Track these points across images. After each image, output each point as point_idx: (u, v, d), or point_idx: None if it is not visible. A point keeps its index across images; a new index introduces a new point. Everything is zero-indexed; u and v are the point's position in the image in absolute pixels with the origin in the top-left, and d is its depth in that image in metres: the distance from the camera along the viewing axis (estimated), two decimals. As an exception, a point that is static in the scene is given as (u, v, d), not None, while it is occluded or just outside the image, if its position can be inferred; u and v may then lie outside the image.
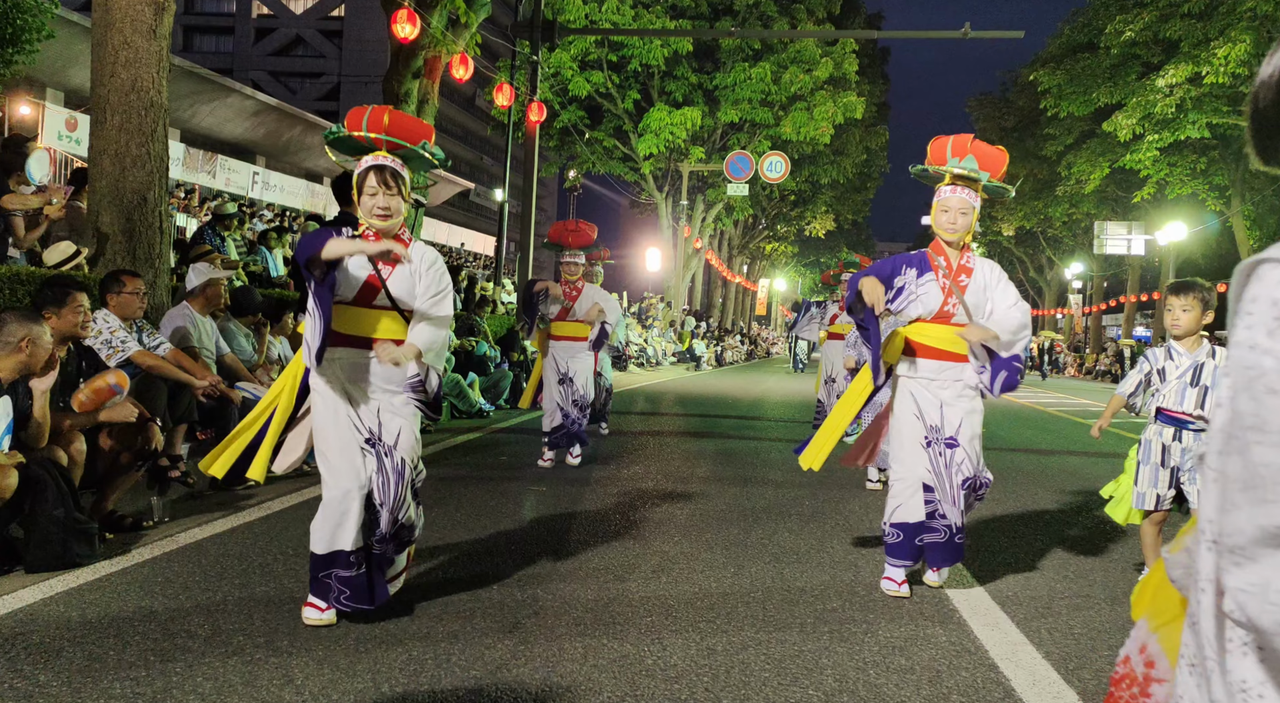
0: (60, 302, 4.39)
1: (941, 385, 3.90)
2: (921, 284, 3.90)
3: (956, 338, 3.84)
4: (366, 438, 3.33)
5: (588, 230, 7.16)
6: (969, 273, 3.90)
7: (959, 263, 3.91)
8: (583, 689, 2.82)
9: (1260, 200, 28.99)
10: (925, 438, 3.89)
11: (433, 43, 12.32)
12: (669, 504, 5.82)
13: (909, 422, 3.92)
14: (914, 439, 3.90)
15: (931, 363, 3.92)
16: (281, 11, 56.46)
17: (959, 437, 3.85)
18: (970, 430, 3.88)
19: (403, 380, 3.40)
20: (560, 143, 29.58)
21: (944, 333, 3.88)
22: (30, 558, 3.77)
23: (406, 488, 3.41)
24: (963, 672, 3.10)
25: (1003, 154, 3.92)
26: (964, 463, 3.85)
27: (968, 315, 3.83)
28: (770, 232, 46.16)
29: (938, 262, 3.91)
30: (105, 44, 6.63)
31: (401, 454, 3.38)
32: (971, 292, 3.86)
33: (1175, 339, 4.06)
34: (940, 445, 3.86)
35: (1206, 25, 24.38)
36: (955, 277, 3.88)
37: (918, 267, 3.91)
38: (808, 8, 29.60)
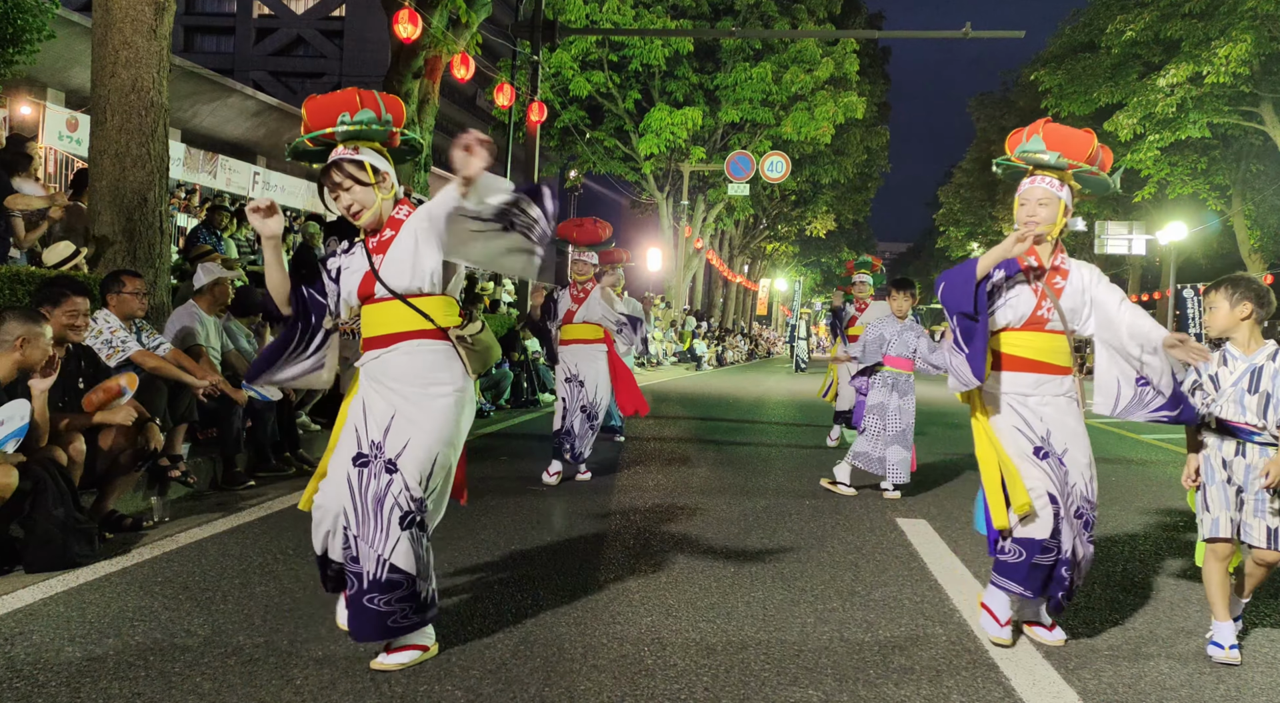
0: (55, 301, 4.38)
1: (1041, 401, 3.39)
2: (1010, 286, 3.43)
3: (1055, 347, 3.40)
4: (358, 453, 2.91)
5: (594, 228, 6.74)
6: (1064, 274, 3.43)
7: (1052, 263, 3.45)
8: (583, 689, 2.82)
9: (1261, 200, 28.96)
10: (1037, 448, 3.36)
11: (433, 43, 12.33)
12: (669, 504, 5.82)
13: (1012, 436, 3.40)
14: (1022, 452, 3.36)
15: (1026, 377, 3.40)
16: (282, 11, 56.45)
17: (1067, 460, 3.35)
18: (1080, 454, 3.37)
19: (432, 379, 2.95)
20: (561, 143, 29.57)
21: (1038, 342, 3.40)
22: (30, 558, 3.78)
23: (391, 517, 2.86)
24: (963, 672, 3.10)
25: (1080, 134, 3.39)
26: (1077, 486, 3.35)
27: (1062, 321, 3.38)
28: (771, 231, 46.14)
29: (1027, 261, 3.43)
30: (106, 44, 6.63)
31: (401, 475, 2.88)
32: (1068, 295, 3.40)
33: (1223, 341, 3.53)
34: (1054, 460, 3.35)
35: (1207, 25, 24.34)
36: (1049, 278, 3.41)
37: (1004, 266, 3.43)
38: (808, 8, 29.61)
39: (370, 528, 2.85)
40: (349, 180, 3.00)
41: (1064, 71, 30.29)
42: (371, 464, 2.89)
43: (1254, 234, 29.59)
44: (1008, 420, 3.42)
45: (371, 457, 2.90)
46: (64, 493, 3.88)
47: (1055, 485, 3.32)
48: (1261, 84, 25.16)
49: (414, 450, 2.89)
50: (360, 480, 2.89)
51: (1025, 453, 3.36)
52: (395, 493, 2.87)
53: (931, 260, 74.20)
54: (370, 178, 3.02)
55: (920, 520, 5.56)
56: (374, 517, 2.86)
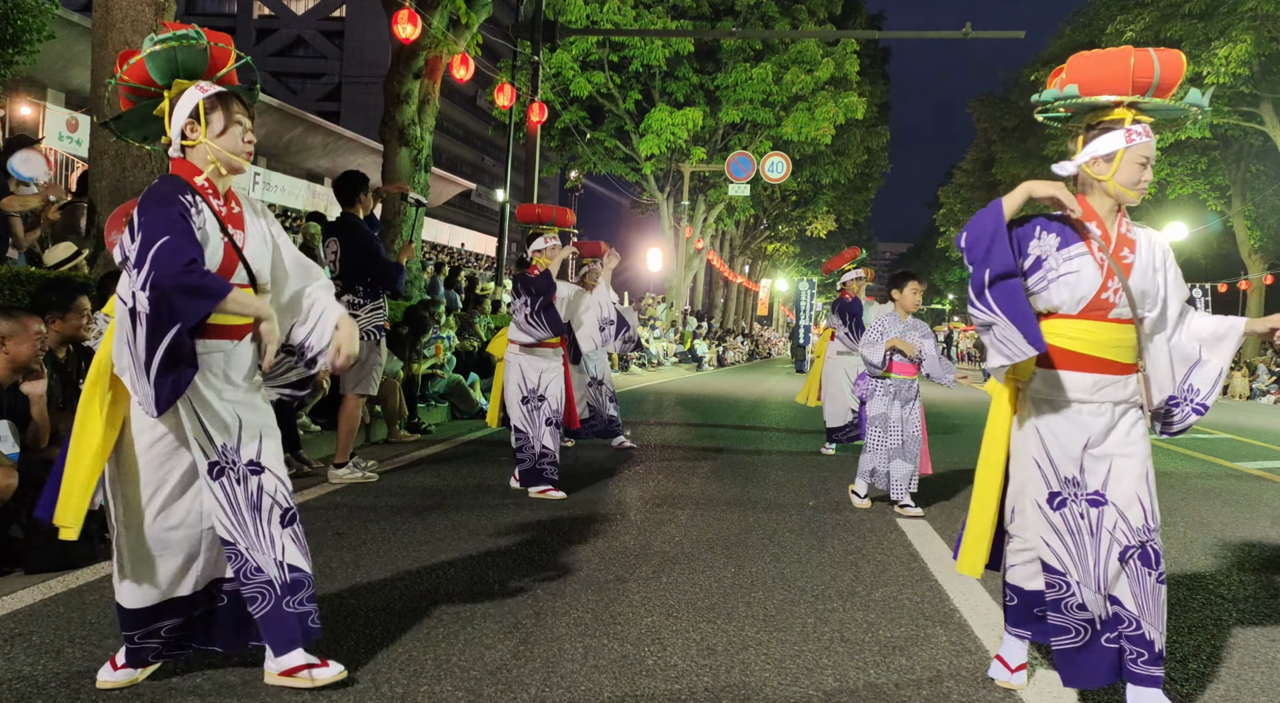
0: (64, 307, 4.40)
1: (1096, 412, 2.69)
2: (1068, 259, 2.67)
3: (1120, 341, 2.69)
4: (211, 462, 2.61)
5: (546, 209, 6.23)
6: (1131, 246, 2.71)
7: (1117, 229, 2.73)
8: (583, 690, 2.82)
9: (1261, 200, 28.98)
10: (1052, 494, 2.70)
11: (434, 43, 12.31)
12: (669, 504, 5.82)
13: (1031, 469, 2.75)
14: (1036, 493, 2.74)
15: (1082, 379, 2.68)
16: (282, 12, 56.49)
17: (1108, 490, 2.68)
18: (1133, 477, 2.68)
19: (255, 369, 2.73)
20: (561, 143, 29.59)
21: (1101, 334, 2.68)
22: (30, 559, 3.78)
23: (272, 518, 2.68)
24: (963, 672, 3.09)
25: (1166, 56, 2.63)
26: (1119, 527, 2.66)
27: (1131, 306, 2.67)
28: (771, 232, 46.16)
29: (1090, 229, 2.69)
30: (106, 45, 6.64)
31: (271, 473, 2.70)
32: (1137, 273, 2.69)
33: None
34: (1079, 504, 2.69)
35: (1207, 25, 24.37)
36: (1116, 250, 2.69)
37: (1059, 233, 2.70)
38: (809, 8, 29.61)
39: (254, 535, 2.65)
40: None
41: (1064, 72, 30.28)
42: (229, 471, 2.63)
43: (1254, 234, 29.60)
44: (1031, 446, 2.75)
45: (228, 463, 2.62)
46: (64, 494, 3.87)
47: (1061, 546, 2.69)
48: (1261, 84, 25.18)
49: (269, 445, 2.72)
50: (226, 491, 2.62)
51: (1038, 495, 2.73)
52: (271, 493, 2.68)
53: (932, 261, 74.19)
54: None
55: (921, 521, 5.56)
56: (253, 523, 2.65)
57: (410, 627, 3.31)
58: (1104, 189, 2.70)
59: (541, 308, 5.83)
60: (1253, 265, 30.65)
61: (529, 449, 5.87)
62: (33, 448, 3.94)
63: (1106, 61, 2.63)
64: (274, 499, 2.69)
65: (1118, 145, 2.64)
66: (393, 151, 12.32)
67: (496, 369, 6.29)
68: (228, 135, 2.65)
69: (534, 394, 5.90)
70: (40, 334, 3.92)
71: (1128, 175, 2.65)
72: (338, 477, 6.00)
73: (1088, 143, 2.71)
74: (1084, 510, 2.68)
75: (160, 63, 2.59)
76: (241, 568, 2.66)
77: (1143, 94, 2.62)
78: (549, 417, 5.89)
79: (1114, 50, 2.64)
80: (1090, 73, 2.64)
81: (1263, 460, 9.26)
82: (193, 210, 2.56)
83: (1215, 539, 5.43)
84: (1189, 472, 8.32)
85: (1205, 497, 6.95)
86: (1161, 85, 2.61)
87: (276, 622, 2.68)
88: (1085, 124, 2.75)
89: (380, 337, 6.24)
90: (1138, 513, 2.66)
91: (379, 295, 6.18)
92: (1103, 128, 2.68)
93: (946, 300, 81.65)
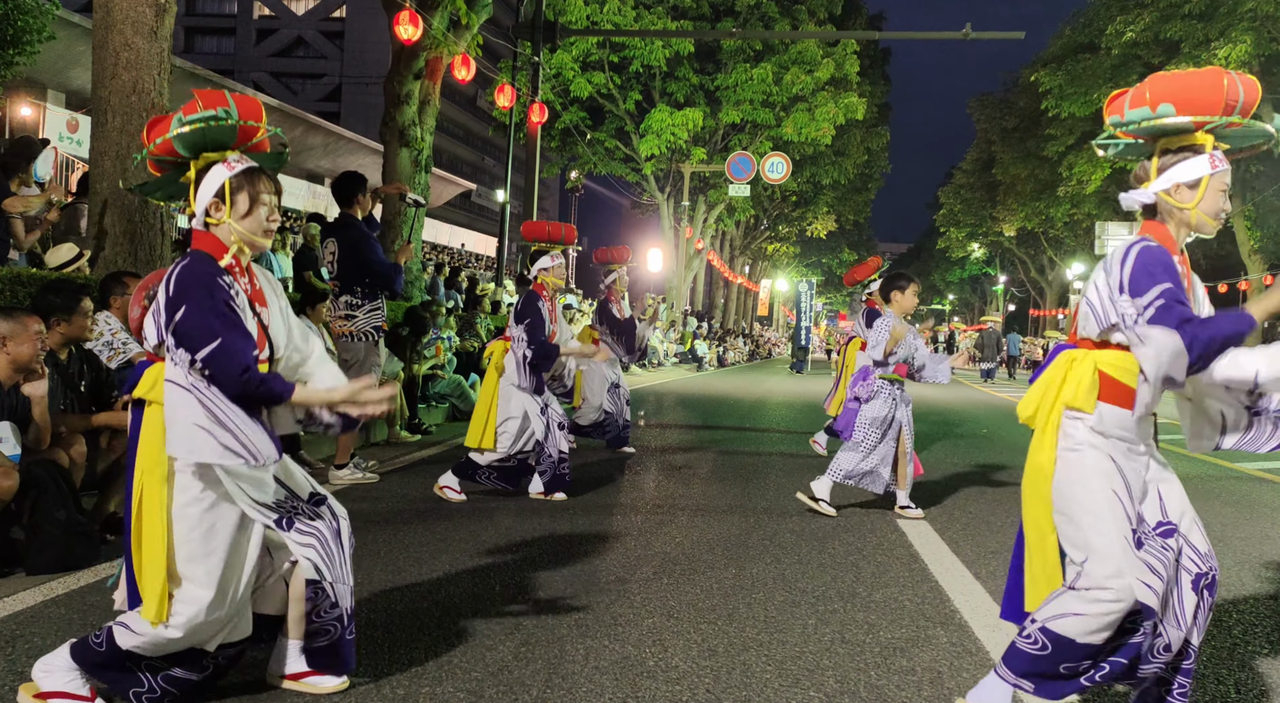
0: (68, 308, 4.40)
1: (1150, 451, 2.57)
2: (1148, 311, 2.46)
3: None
4: (278, 519, 2.59)
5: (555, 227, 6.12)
6: (1190, 280, 2.57)
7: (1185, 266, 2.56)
8: (584, 691, 2.82)
9: (1261, 201, 28.98)
10: (1132, 531, 2.49)
11: (434, 44, 12.32)
12: (670, 506, 5.82)
13: (1109, 503, 2.47)
14: (1119, 531, 2.45)
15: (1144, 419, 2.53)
16: (283, 13, 56.51)
17: (1173, 515, 2.54)
18: (1179, 498, 2.58)
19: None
20: (562, 144, 29.60)
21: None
22: (31, 560, 3.78)
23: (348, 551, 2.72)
24: (964, 673, 3.09)
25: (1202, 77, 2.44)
26: (1186, 553, 2.50)
27: None
28: (772, 232, 46.17)
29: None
30: (106, 45, 6.64)
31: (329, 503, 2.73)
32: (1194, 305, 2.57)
33: None
34: (1153, 541, 2.50)
35: (1207, 26, 24.39)
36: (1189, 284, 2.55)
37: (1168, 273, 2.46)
38: (809, 9, 29.63)
39: (340, 566, 2.68)
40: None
41: (1064, 72, 30.35)
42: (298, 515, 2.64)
43: (1254, 235, 29.60)
44: (1106, 481, 2.47)
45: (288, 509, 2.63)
46: (65, 495, 3.88)
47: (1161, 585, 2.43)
48: (1261, 85, 25.20)
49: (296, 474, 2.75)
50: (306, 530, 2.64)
51: (1122, 532, 2.45)
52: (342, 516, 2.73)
53: (932, 261, 74.27)
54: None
55: (921, 522, 5.56)
56: (339, 553, 2.68)
57: (411, 628, 3.31)
58: (1184, 218, 2.51)
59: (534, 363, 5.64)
60: (1253, 266, 30.66)
61: (547, 458, 5.73)
62: (34, 449, 3.94)
63: (1200, 81, 2.43)
64: (340, 526, 2.70)
65: (1203, 171, 2.46)
66: (393, 152, 12.32)
67: (486, 382, 5.82)
68: (252, 216, 2.57)
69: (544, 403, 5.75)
70: (40, 334, 3.92)
71: (1212, 204, 2.49)
72: (339, 478, 6.00)
73: (1165, 169, 2.51)
74: (1163, 544, 2.50)
75: (188, 142, 2.50)
76: (319, 606, 2.66)
77: (1229, 116, 2.42)
78: (560, 421, 5.81)
79: (1205, 71, 2.45)
80: (1183, 92, 2.42)
81: (1262, 461, 9.26)
82: (231, 292, 2.53)
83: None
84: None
85: (1205, 497, 6.95)
86: (1244, 107, 2.42)
87: (335, 654, 2.70)
88: (1160, 149, 2.53)
89: (378, 338, 6.24)
90: (1200, 537, 2.53)
91: (377, 296, 6.18)
92: (1181, 153, 2.49)
93: (946, 300, 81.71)
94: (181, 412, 2.42)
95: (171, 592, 2.47)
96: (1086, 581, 2.44)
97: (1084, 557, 2.46)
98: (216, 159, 2.54)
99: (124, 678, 2.54)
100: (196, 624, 2.49)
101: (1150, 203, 2.54)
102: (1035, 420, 2.58)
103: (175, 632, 2.47)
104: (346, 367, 6.17)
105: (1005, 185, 43.33)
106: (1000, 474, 7.73)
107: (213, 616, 2.51)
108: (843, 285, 17.80)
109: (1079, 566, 2.47)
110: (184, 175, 2.59)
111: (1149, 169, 2.55)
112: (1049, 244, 47.37)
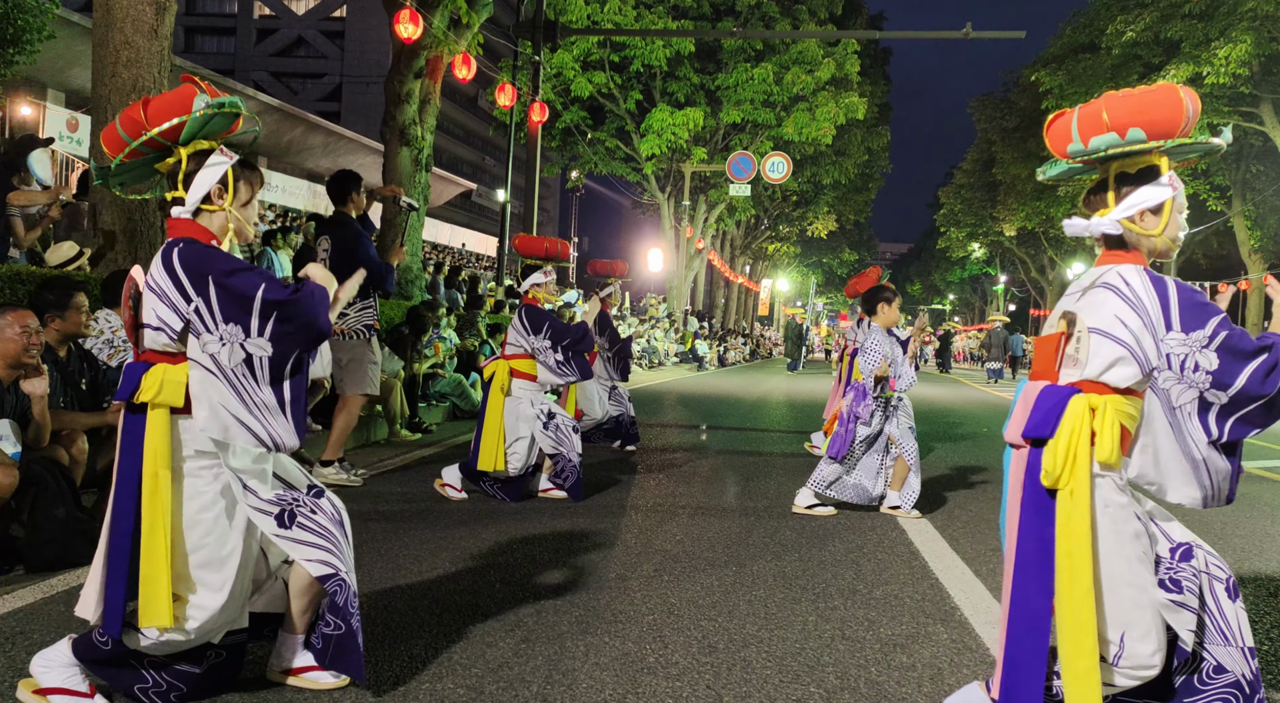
0: (62, 305, 4.41)
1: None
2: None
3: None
4: (277, 515, 2.57)
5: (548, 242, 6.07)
6: None
7: None
8: (584, 687, 2.82)
9: (1261, 201, 28.98)
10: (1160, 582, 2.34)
11: (434, 43, 12.32)
12: (671, 503, 5.82)
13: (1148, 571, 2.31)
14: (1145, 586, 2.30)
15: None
16: (283, 12, 56.52)
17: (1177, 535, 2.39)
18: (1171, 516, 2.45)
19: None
20: (562, 143, 29.61)
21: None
22: (31, 557, 3.78)
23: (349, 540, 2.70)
24: (964, 670, 3.09)
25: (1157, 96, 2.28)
26: (1211, 562, 2.37)
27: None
28: (772, 232, 46.18)
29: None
30: (106, 44, 6.64)
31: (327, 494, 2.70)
32: None
33: None
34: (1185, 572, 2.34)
35: (1207, 26, 24.37)
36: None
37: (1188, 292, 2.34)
38: (810, 8, 29.62)
39: (345, 553, 2.65)
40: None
41: (1064, 72, 30.33)
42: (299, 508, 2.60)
43: (1254, 234, 29.60)
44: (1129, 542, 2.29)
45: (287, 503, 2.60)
46: (65, 492, 3.88)
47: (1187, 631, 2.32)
48: (1261, 85, 25.18)
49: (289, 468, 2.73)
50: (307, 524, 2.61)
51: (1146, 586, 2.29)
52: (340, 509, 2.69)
53: (932, 261, 74.29)
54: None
55: (921, 519, 5.56)
56: (344, 540, 2.66)
57: (411, 624, 3.31)
58: (1151, 245, 2.36)
59: (574, 355, 5.68)
60: (1253, 266, 30.65)
61: (568, 463, 5.67)
62: (34, 447, 3.94)
63: (1161, 101, 2.25)
64: (342, 516, 2.68)
65: (1165, 195, 2.31)
66: (393, 151, 12.32)
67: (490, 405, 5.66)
68: (250, 206, 2.64)
69: (544, 413, 5.71)
70: (28, 329, 3.91)
71: (1174, 228, 2.36)
72: (323, 474, 5.87)
73: (1123, 196, 2.35)
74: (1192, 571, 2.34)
75: (197, 125, 2.50)
76: (345, 599, 2.62)
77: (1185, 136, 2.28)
78: (574, 425, 5.77)
79: (1160, 89, 2.28)
80: (1148, 116, 2.25)
81: (1262, 460, 9.26)
82: None
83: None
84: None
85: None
86: (1190, 122, 2.29)
87: (351, 651, 2.64)
88: (1114, 174, 2.38)
89: (370, 335, 6.19)
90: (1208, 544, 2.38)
91: (369, 294, 6.16)
92: (1140, 177, 2.34)
93: (946, 300, 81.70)
94: (211, 392, 2.45)
95: (181, 595, 2.48)
96: (1130, 660, 2.27)
97: (1121, 633, 2.27)
98: (208, 147, 2.56)
99: (126, 675, 2.54)
100: (208, 628, 2.51)
101: (1115, 233, 2.37)
102: (1064, 483, 2.26)
103: (186, 635, 2.48)
104: (340, 364, 6.16)
105: (1005, 185, 43.29)
106: (1001, 474, 7.72)
107: (224, 617, 2.53)
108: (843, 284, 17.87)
109: (1116, 643, 2.28)
110: (162, 162, 2.57)
111: (1105, 196, 2.39)
112: (1049, 244, 47.35)
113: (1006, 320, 31.31)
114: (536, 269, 5.91)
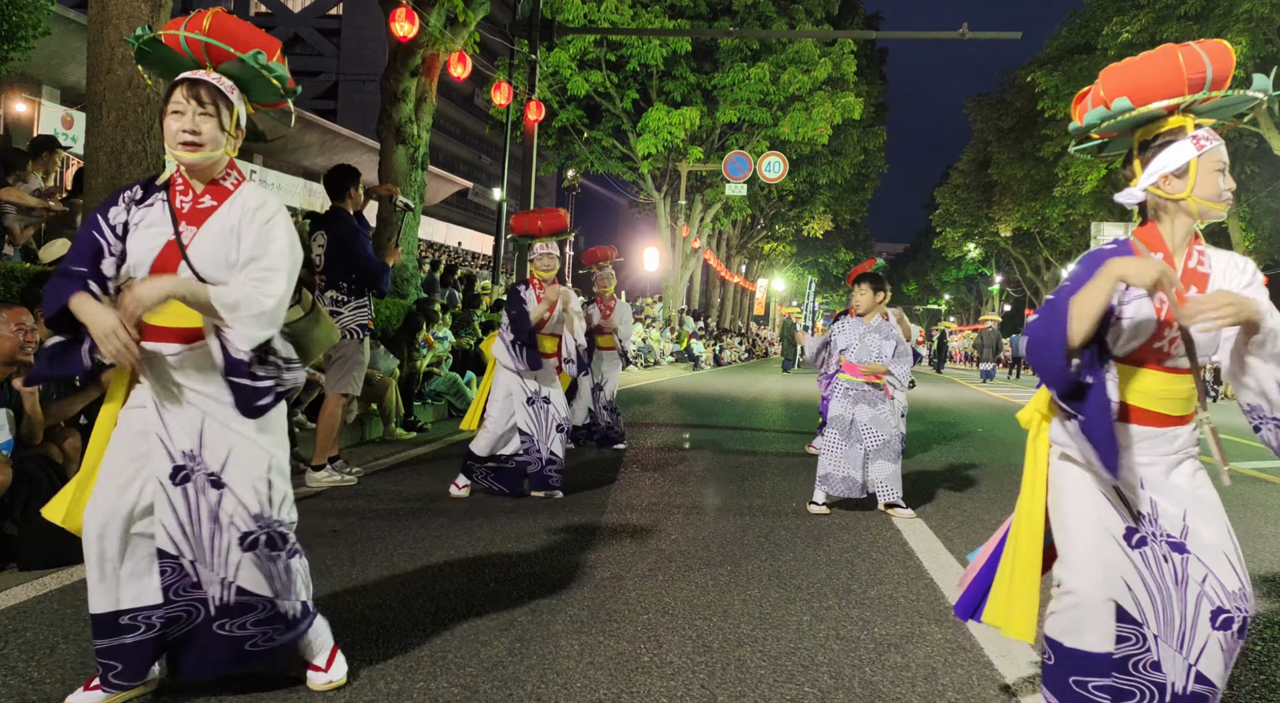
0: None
1: (1148, 461, 2.37)
2: (1129, 301, 2.31)
3: (1175, 392, 2.34)
4: (176, 466, 2.45)
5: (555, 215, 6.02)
6: (1202, 283, 2.34)
7: (1185, 262, 2.36)
8: (579, 687, 2.81)
9: (1255, 202, 29.04)
10: (1130, 530, 2.36)
11: (431, 41, 12.30)
12: (666, 503, 5.82)
13: (1099, 504, 2.38)
14: (1097, 531, 2.35)
15: (1124, 430, 2.36)
16: (279, 10, 56.44)
17: (1189, 541, 2.32)
18: (1215, 533, 2.33)
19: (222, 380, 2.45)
20: (559, 142, 29.58)
21: (1152, 384, 2.33)
22: (25, 555, 3.77)
23: (230, 537, 2.48)
24: (958, 669, 3.10)
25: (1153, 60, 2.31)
26: (1209, 582, 2.29)
27: (1192, 355, 2.31)
28: (768, 232, 46.19)
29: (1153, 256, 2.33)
30: (101, 40, 6.62)
31: (232, 492, 2.48)
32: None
33: None
34: (1160, 546, 2.33)
35: (1203, 27, 24.42)
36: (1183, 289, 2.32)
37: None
38: (806, 8, 29.62)
39: (208, 551, 2.49)
40: (213, 105, 2.49)
41: (1060, 73, 30.37)
42: (194, 477, 2.47)
43: (1249, 236, 29.66)
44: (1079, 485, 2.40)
45: (190, 469, 2.47)
46: (58, 490, 3.86)
47: (1141, 589, 2.33)
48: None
49: (241, 463, 2.49)
50: (187, 498, 2.47)
51: (1103, 531, 2.35)
52: (230, 512, 2.48)
53: (928, 261, 74.34)
54: (231, 122, 2.54)
55: (916, 519, 5.56)
56: (210, 536, 2.49)
57: (406, 624, 3.31)
58: (1183, 209, 2.32)
59: (521, 344, 5.64)
60: (1248, 266, 30.70)
61: (535, 453, 5.71)
62: (27, 443, 3.93)
63: (1153, 65, 2.29)
64: (233, 519, 2.49)
65: (1188, 155, 2.28)
66: (389, 149, 12.30)
67: (487, 370, 5.97)
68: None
69: (538, 395, 5.73)
70: (22, 327, 3.90)
71: (1208, 187, 2.28)
72: (315, 479, 5.77)
73: (1147, 163, 2.34)
74: (1166, 553, 2.32)
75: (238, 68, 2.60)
76: (175, 585, 2.53)
77: (1197, 93, 2.27)
78: (559, 423, 5.76)
79: (1155, 52, 2.30)
80: (1136, 81, 2.29)
81: (1258, 460, 9.28)
82: (122, 208, 2.50)
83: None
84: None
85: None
86: (1215, 80, 2.26)
87: (201, 645, 2.55)
88: (1138, 142, 2.39)
89: (364, 336, 6.12)
90: (1229, 573, 2.29)
91: (363, 293, 6.08)
92: (1161, 142, 2.33)
93: (942, 301, 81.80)
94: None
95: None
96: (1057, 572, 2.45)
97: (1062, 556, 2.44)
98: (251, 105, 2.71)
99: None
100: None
101: (1141, 201, 2.38)
102: (1029, 427, 2.55)
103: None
104: (332, 362, 6.13)
105: (1001, 185, 43.35)
106: (995, 473, 7.74)
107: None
108: (839, 285, 17.83)
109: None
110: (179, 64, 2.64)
111: (1133, 167, 2.40)
112: (1045, 244, 47.42)
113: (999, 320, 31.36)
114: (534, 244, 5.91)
